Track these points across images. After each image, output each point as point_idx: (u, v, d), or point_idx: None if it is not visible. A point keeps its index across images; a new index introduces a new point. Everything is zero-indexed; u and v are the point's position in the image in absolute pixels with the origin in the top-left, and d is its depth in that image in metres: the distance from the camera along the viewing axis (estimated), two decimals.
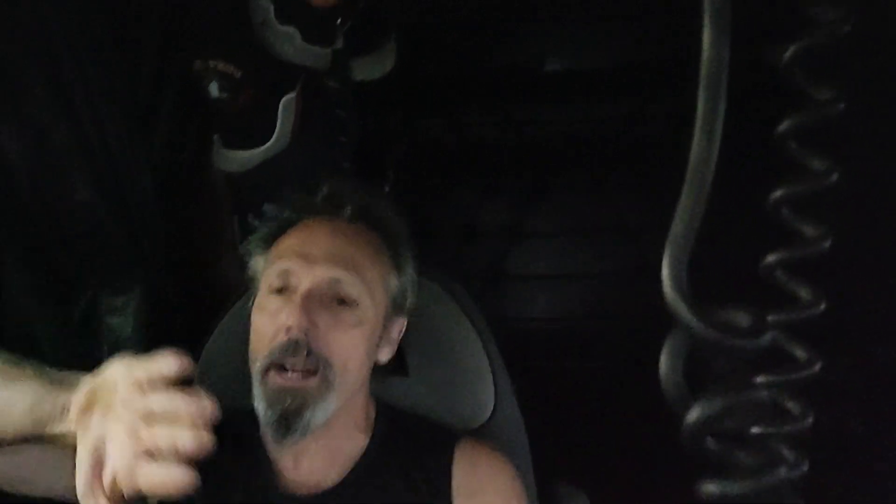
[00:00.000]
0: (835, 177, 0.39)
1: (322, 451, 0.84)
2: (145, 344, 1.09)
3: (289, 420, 0.77)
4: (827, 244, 0.39)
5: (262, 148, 1.21)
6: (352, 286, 0.81)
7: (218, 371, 1.03)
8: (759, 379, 0.37)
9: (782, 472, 0.36)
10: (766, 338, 0.34)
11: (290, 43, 1.19)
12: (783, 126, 0.40)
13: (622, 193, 2.45)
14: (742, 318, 0.34)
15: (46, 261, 1.01)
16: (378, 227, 0.88)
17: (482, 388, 0.99)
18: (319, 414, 0.78)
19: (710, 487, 0.35)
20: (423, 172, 2.40)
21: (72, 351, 1.05)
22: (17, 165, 0.96)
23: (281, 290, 0.81)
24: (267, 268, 0.85)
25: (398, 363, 1.01)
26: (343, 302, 0.81)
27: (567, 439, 1.44)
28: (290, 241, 0.85)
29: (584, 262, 2.50)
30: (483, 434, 0.96)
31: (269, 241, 0.88)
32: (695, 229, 0.34)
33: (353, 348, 0.81)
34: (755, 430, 0.37)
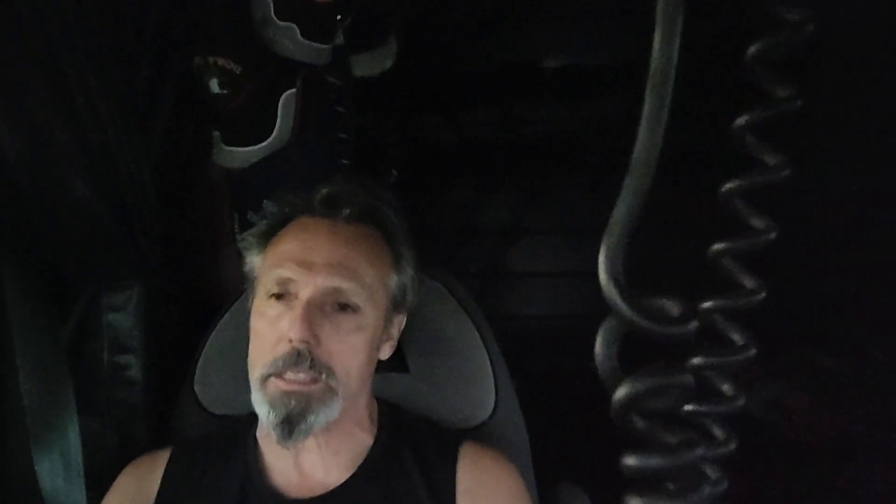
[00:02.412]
0: (787, 172, 0.40)
1: (323, 450, 0.84)
2: (146, 341, 1.08)
3: (292, 423, 0.76)
4: (773, 236, 0.40)
5: (263, 144, 1.20)
6: (353, 294, 0.80)
7: (218, 368, 1.03)
8: (695, 360, 0.39)
9: (702, 449, 0.37)
10: (692, 326, 0.36)
11: (290, 39, 1.19)
12: (741, 120, 0.41)
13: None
14: (672, 307, 0.36)
15: (46, 258, 1.00)
16: (378, 226, 0.87)
17: (483, 386, 0.99)
18: (322, 417, 0.78)
19: (630, 461, 0.37)
20: (422, 170, 2.40)
21: (73, 348, 1.04)
22: (15, 163, 0.96)
23: (280, 296, 0.80)
24: (265, 271, 0.83)
25: (398, 360, 1.01)
26: (344, 308, 0.80)
27: (567, 438, 1.43)
28: (288, 246, 0.83)
29: (583, 259, 2.50)
30: (484, 432, 0.96)
31: (266, 238, 0.86)
32: (632, 222, 0.35)
33: (356, 354, 0.80)
34: (686, 408, 0.39)
